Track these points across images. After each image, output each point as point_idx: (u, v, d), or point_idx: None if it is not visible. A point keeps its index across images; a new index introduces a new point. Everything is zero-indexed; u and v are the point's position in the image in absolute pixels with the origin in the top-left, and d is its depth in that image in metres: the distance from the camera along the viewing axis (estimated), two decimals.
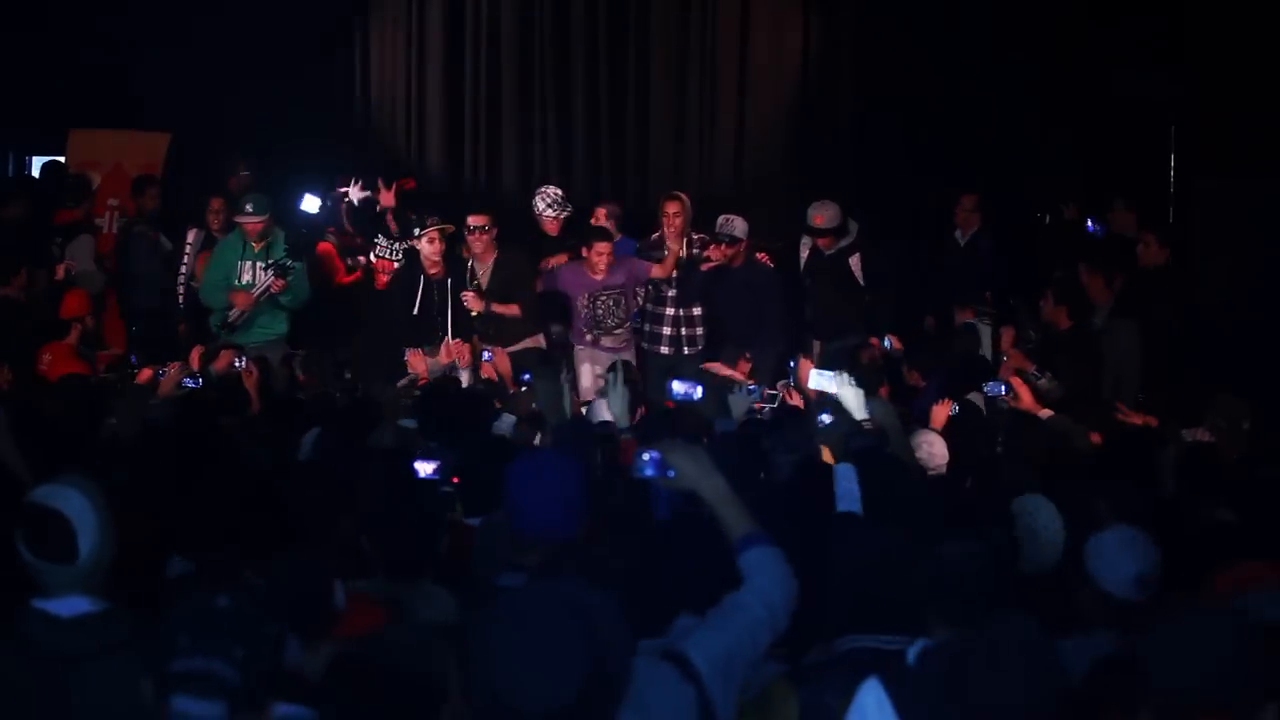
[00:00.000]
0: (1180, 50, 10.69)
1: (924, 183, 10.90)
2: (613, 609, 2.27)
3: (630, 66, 12.39)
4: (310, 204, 9.62)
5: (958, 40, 11.51)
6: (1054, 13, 11.31)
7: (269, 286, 8.95)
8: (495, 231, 9.08)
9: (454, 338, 8.99)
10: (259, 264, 8.99)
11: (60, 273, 9.38)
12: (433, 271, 8.98)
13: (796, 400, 7.04)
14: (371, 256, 9.76)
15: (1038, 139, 11.28)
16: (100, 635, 3.17)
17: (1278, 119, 9.92)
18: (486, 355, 8.53)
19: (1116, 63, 10.99)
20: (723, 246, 9.19)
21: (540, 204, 9.63)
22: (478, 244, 9.01)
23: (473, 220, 9.07)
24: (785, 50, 12.40)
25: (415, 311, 8.92)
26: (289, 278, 8.96)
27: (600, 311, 9.23)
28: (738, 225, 9.30)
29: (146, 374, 7.34)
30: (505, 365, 8.35)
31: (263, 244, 8.99)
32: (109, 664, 3.09)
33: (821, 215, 9.58)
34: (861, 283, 9.62)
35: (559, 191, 9.74)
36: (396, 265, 9.60)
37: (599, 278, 9.13)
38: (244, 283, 8.99)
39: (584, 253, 9.18)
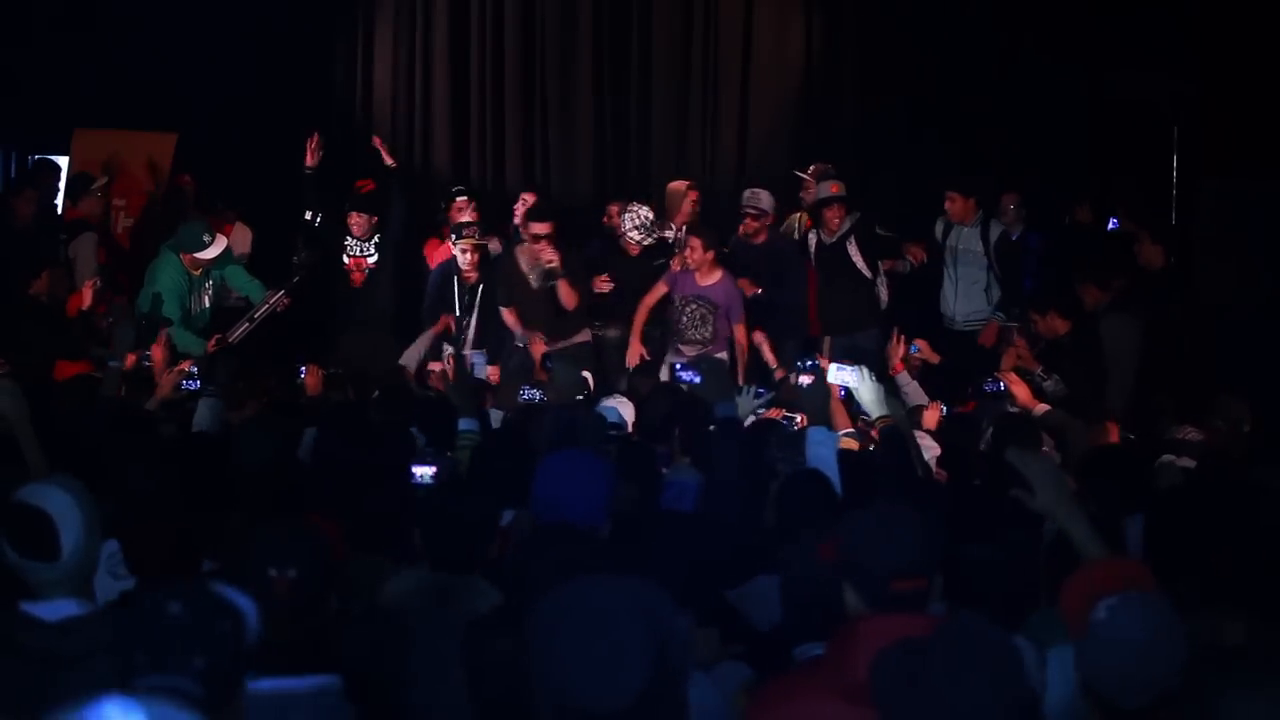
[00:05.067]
0: (1183, 50, 10.70)
1: (926, 182, 10.91)
2: (673, 607, 2.24)
3: (633, 64, 12.40)
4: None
5: (960, 40, 11.52)
6: (1056, 12, 11.32)
7: (276, 306, 8.90)
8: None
9: (477, 346, 9.14)
10: (205, 289, 8.89)
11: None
12: (469, 277, 9.25)
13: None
14: (344, 258, 9.68)
15: (1039, 139, 11.28)
16: (87, 638, 3.14)
17: None
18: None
19: (1119, 63, 10.99)
20: (748, 220, 9.31)
21: (627, 223, 9.43)
22: (546, 253, 9.05)
23: (538, 229, 9.15)
24: (788, 48, 12.41)
25: (458, 313, 9.19)
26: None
27: (684, 320, 9.18)
28: (764, 198, 9.43)
29: (130, 359, 7.20)
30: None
31: (201, 270, 8.85)
32: (96, 667, 3.04)
33: (837, 184, 9.64)
34: (866, 272, 9.64)
35: (650, 215, 9.48)
36: (370, 262, 9.59)
37: (702, 283, 9.07)
38: (203, 308, 8.89)
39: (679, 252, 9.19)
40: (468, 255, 9.24)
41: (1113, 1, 11.07)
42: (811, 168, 10.40)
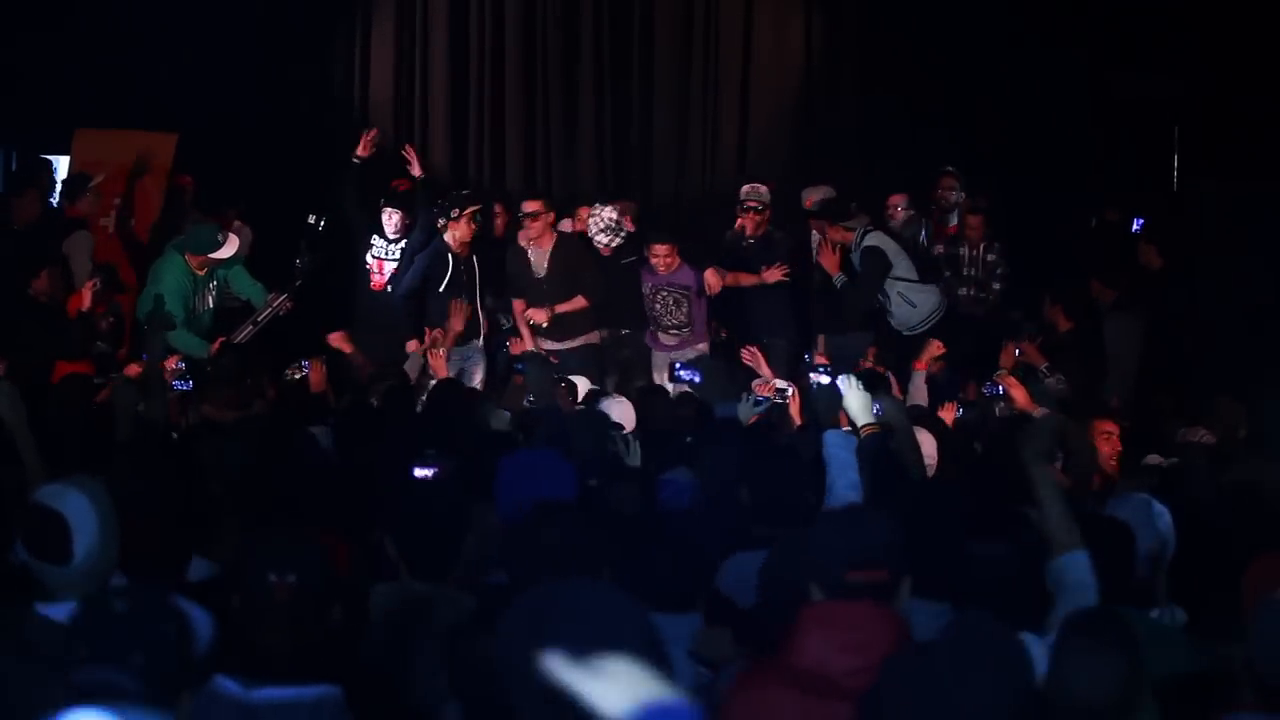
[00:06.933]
0: (1183, 50, 10.70)
1: (926, 180, 10.91)
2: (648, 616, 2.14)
3: (634, 63, 12.39)
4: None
5: (960, 40, 11.52)
6: (1057, 12, 11.31)
7: (279, 310, 8.87)
8: (550, 217, 9.11)
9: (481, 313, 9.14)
10: (208, 289, 8.87)
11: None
12: (460, 252, 9.08)
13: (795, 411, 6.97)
14: (368, 257, 9.65)
15: (1039, 139, 11.28)
16: None
17: None
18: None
19: (1119, 63, 10.99)
20: (750, 214, 9.32)
21: (593, 227, 9.35)
22: (533, 229, 8.99)
23: (527, 206, 9.07)
24: (788, 47, 12.41)
25: (441, 289, 8.98)
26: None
27: (659, 308, 9.24)
28: (765, 192, 9.49)
29: (134, 369, 7.25)
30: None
31: (206, 269, 8.85)
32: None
33: (811, 197, 9.63)
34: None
35: (614, 216, 9.34)
36: (392, 267, 9.58)
37: (663, 274, 9.13)
38: (207, 308, 8.90)
39: (646, 253, 9.19)
40: (471, 226, 9.08)
41: (1113, 1, 11.07)
42: (949, 168, 10.30)
